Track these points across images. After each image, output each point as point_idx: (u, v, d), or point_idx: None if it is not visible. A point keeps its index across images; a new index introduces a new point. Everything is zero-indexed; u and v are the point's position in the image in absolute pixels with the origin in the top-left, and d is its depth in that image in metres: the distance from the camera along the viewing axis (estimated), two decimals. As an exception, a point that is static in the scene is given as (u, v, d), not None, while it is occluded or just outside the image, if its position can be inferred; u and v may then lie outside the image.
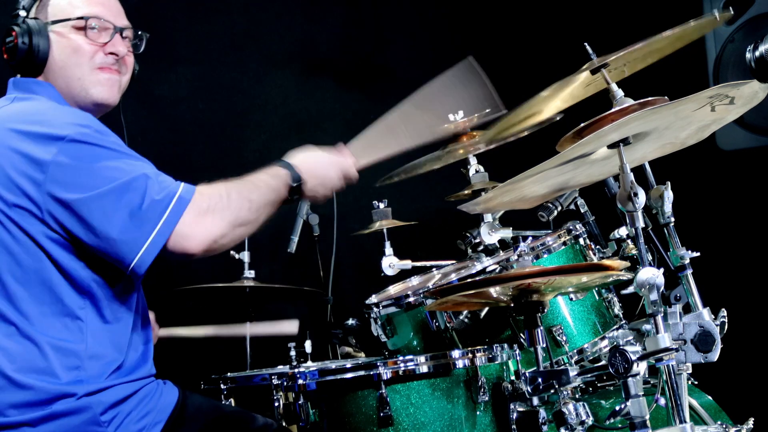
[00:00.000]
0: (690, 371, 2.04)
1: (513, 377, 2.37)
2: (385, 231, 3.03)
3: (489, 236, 2.75)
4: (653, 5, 4.06)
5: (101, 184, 1.83)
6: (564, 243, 2.65)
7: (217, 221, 1.91)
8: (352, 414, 2.24)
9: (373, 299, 2.91)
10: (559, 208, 2.73)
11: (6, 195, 1.87)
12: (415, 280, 3.04)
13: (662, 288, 1.93)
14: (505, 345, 2.40)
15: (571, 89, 2.37)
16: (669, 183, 2.15)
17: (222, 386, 2.72)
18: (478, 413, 2.27)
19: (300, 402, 2.32)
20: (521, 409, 2.25)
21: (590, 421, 2.13)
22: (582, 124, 1.99)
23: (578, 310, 2.61)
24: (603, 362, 2.52)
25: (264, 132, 4.28)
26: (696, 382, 2.63)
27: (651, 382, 2.45)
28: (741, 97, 1.93)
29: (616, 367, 1.91)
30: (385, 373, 2.22)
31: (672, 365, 1.94)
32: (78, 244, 1.88)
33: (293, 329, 3.13)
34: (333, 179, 2.17)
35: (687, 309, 2.08)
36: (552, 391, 2.12)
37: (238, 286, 3.51)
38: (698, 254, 2.13)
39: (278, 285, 3.65)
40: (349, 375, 2.27)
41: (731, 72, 3.84)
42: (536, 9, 4.60)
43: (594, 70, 2.23)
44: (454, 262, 2.97)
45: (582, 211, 2.77)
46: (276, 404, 2.43)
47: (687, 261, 2.12)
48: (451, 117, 3.00)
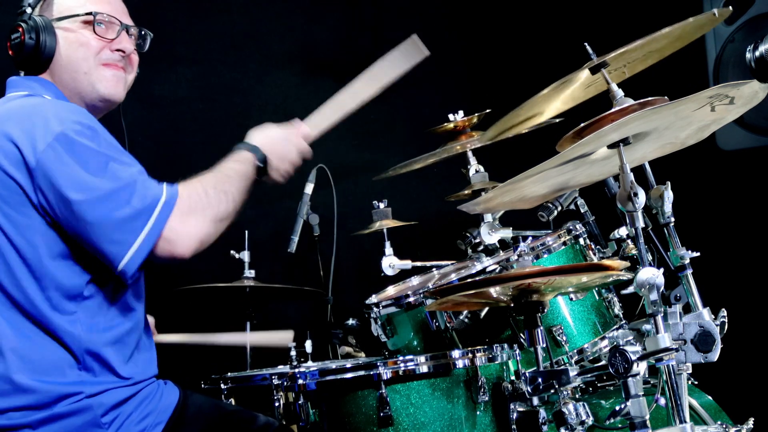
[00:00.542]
0: (690, 371, 2.03)
1: (513, 377, 2.36)
2: (385, 231, 3.03)
3: (489, 236, 2.75)
4: (653, 5, 4.06)
5: (89, 189, 1.83)
6: (564, 243, 2.65)
7: (200, 221, 1.91)
8: (352, 414, 2.24)
9: (373, 299, 2.90)
10: (559, 208, 2.73)
11: (5, 193, 1.86)
12: (415, 280, 3.04)
13: (662, 288, 1.93)
14: (505, 345, 2.40)
15: (572, 90, 2.37)
16: (669, 183, 2.15)
17: (222, 386, 2.72)
18: (478, 413, 2.27)
19: (300, 402, 2.32)
20: (521, 409, 2.25)
21: (590, 421, 2.13)
22: (582, 124, 1.98)
23: (578, 310, 2.61)
24: (603, 362, 2.52)
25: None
26: (696, 382, 2.63)
27: (651, 382, 2.45)
28: (741, 97, 1.93)
29: (616, 367, 1.91)
30: (385, 373, 2.22)
31: (672, 365, 1.94)
32: (72, 242, 1.88)
33: (288, 339, 3.14)
34: (292, 154, 2.16)
35: (687, 309, 2.07)
36: (552, 391, 2.12)
37: (238, 286, 3.51)
38: (698, 254, 2.13)
39: (278, 285, 3.65)
40: (349, 375, 2.27)
41: (731, 72, 3.84)
42: (536, 9, 4.59)
43: (594, 70, 2.22)
44: (454, 262, 2.96)
45: (582, 211, 2.77)
46: (276, 404, 2.43)
47: (687, 261, 2.12)
48: (451, 117, 3.02)
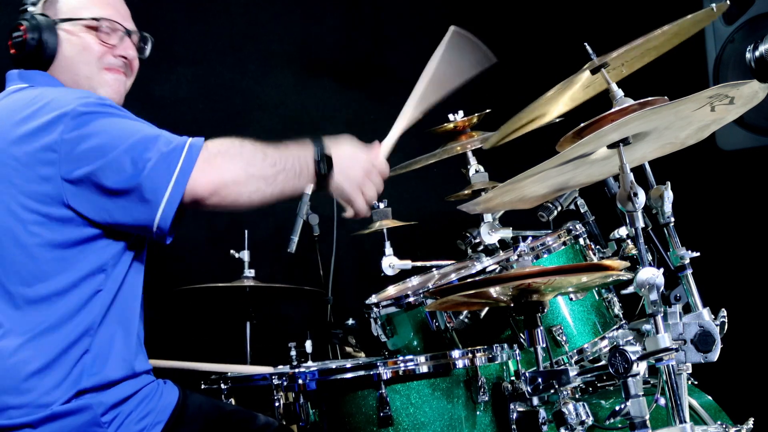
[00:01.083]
0: (690, 371, 2.04)
1: (513, 377, 2.36)
2: (385, 231, 3.03)
3: (489, 236, 2.75)
4: (652, 3, 4.06)
5: (112, 148, 1.82)
6: (564, 243, 2.65)
7: (228, 163, 1.88)
8: (352, 414, 2.24)
9: (373, 299, 2.90)
10: (559, 208, 2.73)
11: (19, 181, 1.86)
12: (415, 280, 3.04)
13: (662, 288, 1.93)
14: (505, 345, 2.40)
15: (572, 92, 2.38)
16: (669, 183, 2.15)
17: (222, 386, 2.71)
18: (478, 413, 2.27)
19: (300, 402, 2.32)
20: (521, 409, 2.25)
21: (590, 421, 2.13)
22: (582, 124, 1.99)
23: (578, 310, 2.61)
24: (603, 362, 2.52)
25: (264, 132, 4.25)
26: (696, 382, 2.63)
27: (651, 382, 2.45)
28: (741, 97, 1.93)
29: (616, 367, 1.91)
30: (385, 373, 2.22)
31: (672, 365, 1.94)
32: (98, 218, 1.86)
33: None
34: (361, 173, 2.08)
35: (687, 309, 2.08)
36: (552, 391, 2.12)
37: (238, 286, 3.52)
38: (698, 254, 2.13)
39: (278, 285, 3.65)
40: (349, 375, 2.27)
41: (731, 72, 3.84)
42: (536, 9, 4.59)
43: (594, 70, 2.23)
44: (454, 262, 2.96)
45: (582, 211, 2.77)
46: (276, 404, 2.43)
47: (687, 261, 2.12)
48: (451, 117, 3.02)
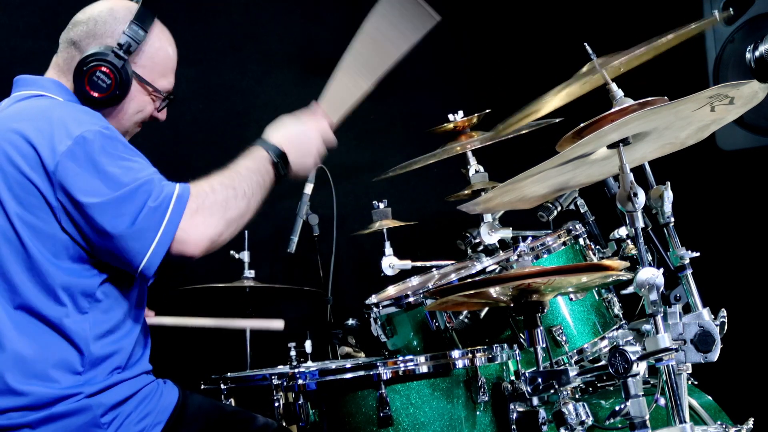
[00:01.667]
0: (690, 371, 2.04)
1: (513, 377, 2.37)
2: (385, 231, 3.03)
3: (489, 236, 2.74)
4: (653, 4, 4.06)
5: (107, 191, 1.82)
6: (564, 243, 2.65)
7: (209, 220, 1.89)
8: (352, 414, 2.24)
9: (373, 299, 2.90)
10: (559, 208, 2.73)
11: (19, 192, 1.85)
12: (415, 280, 3.04)
13: (662, 288, 1.93)
14: (505, 345, 2.40)
15: (569, 87, 2.37)
16: (669, 183, 2.15)
17: (222, 386, 2.71)
18: (478, 413, 2.27)
19: (300, 402, 2.32)
20: (521, 409, 2.25)
21: (590, 421, 2.13)
22: (582, 124, 1.99)
23: (578, 310, 2.61)
24: (603, 362, 2.52)
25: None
26: (696, 382, 2.63)
27: (651, 382, 2.45)
28: (741, 97, 1.93)
29: (616, 367, 1.91)
30: (385, 373, 2.22)
31: (672, 365, 1.94)
32: (87, 246, 1.88)
33: (280, 326, 3.16)
34: (316, 146, 2.14)
35: (687, 309, 2.07)
36: (552, 391, 2.12)
37: (238, 286, 3.51)
38: (698, 254, 2.13)
39: (278, 285, 3.66)
40: (349, 375, 2.27)
41: (731, 72, 3.83)
42: (536, 9, 4.59)
43: (594, 70, 2.23)
44: (454, 262, 2.96)
45: (582, 211, 2.77)
46: (276, 404, 2.43)
47: (687, 261, 2.12)
48: (451, 117, 3.02)
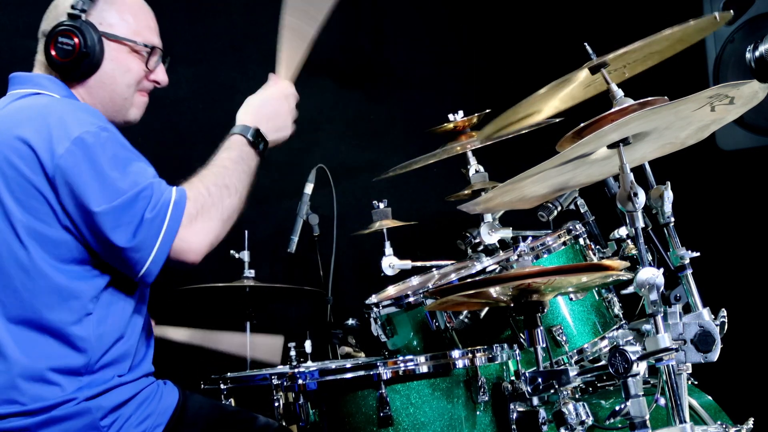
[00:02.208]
0: (690, 371, 2.04)
1: (513, 377, 2.36)
2: (385, 231, 3.02)
3: (489, 236, 2.74)
4: (653, 5, 4.06)
5: (109, 198, 1.81)
6: (564, 243, 2.65)
7: (208, 223, 1.90)
8: (352, 414, 2.24)
9: (373, 299, 2.90)
10: (559, 208, 2.73)
11: (21, 196, 1.85)
12: (415, 280, 3.04)
13: (662, 288, 1.93)
14: (505, 345, 2.39)
15: (571, 90, 2.37)
16: (669, 183, 2.15)
17: (222, 386, 2.72)
18: (478, 413, 2.27)
19: (300, 402, 2.32)
20: (521, 409, 2.25)
21: (590, 421, 2.13)
22: (582, 124, 1.99)
23: (578, 310, 2.61)
24: (603, 362, 2.52)
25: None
26: (696, 382, 2.63)
27: (651, 382, 2.45)
28: (741, 97, 1.93)
29: (616, 367, 1.91)
30: (385, 373, 2.22)
31: (672, 365, 1.94)
32: (89, 247, 1.87)
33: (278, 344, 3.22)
34: (285, 107, 2.15)
35: (687, 309, 2.08)
36: (552, 391, 2.12)
37: (238, 286, 3.51)
38: (698, 254, 2.13)
39: (278, 285, 3.65)
40: (349, 375, 2.27)
41: (731, 72, 3.83)
42: (536, 9, 4.59)
43: (593, 69, 2.23)
44: (454, 262, 2.96)
45: (582, 211, 2.77)
46: (276, 404, 2.43)
47: (687, 261, 2.12)
48: (451, 117, 3.02)
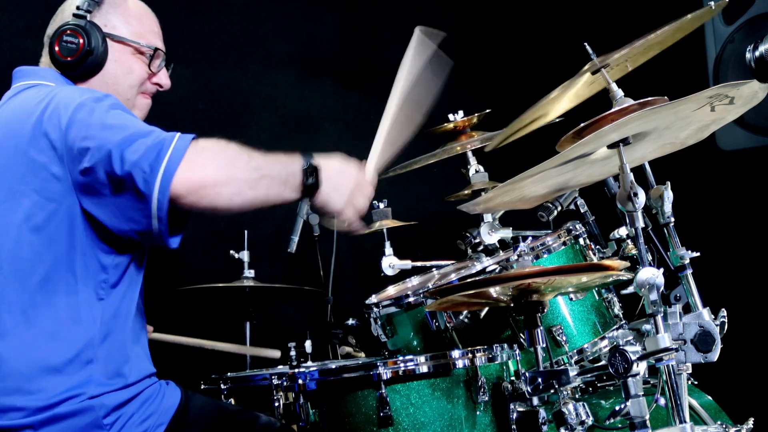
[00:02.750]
0: (690, 371, 2.04)
1: (513, 377, 2.36)
2: (385, 231, 3.03)
3: (489, 236, 2.75)
4: (653, 4, 4.06)
5: (115, 135, 1.80)
6: (564, 243, 2.65)
7: (210, 162, 1.84)
8: (352, 414, 2.24)
9: (373, 299, 2.90)
10: (559, 208, 2.73)
11: (37, 186, 1.86)
12: (415, 280, 3.04)
13: (662, 288, 1.93)
14: (505, 345, 2.40)
15: (575, 90, 2.38)
16: (669, 183, 2.15)
17: (222, 386, 2.71)
18: (478, 413, 2.27)
19: (300, 402, 2.32)
20: (521, 409, 2.25)
21: (590, 421, 2.13)
22: (582, 124, 1.99)
23: (578, 310, 2.61)
24: (603, 362, 2.52)
25: (264, 132, 4.27)
26: (696, 382, 2.63)
27: (651, 382, 2.45)
28: (741, 97, 1.93)
29: (616, 367, 1.91)
30: (385, 373, 2.22)
31: (672, 365, 1.94)
32: (98, 231, 1.87)
33: (276, 355, 3.25)
34: (349, 185, 2.04)
35: (687, 309, 2.08)
36: (552, 391, 2.12)
37: (238, 286, 3.51)
38: (698, 254, 2.13)
39: (278, 285, 3.65)
40: (349, 375, 2.27)
41: (731, 72, 3.84)
42: (536, 9, 4.59)
43: (594, 71, 2.23)
44: (454, 262, 2.96)
45: (582, 211, 2.77)
46: (276, 404, 2.42)
47: (687, 261, 2.12)
48: (451, 117, 3.02)
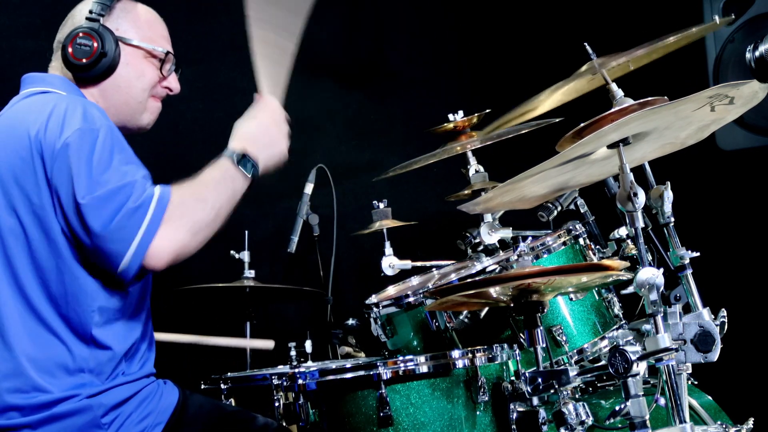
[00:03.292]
0: (690, 371, 2.04)
1: (513, 377, 2.36)
2: (385, 231, 3.02)
3: (489, 236, 2.74)
4: (653, 4, 4.06)
5: (92, 190, 1.81)
6: (564, 243, 2.65)
7: (174, 232, 1.85)
8: (352, 414, 2.24)
9: (373, 299, 2.90)
10: (559, 208, 2.73)
11: (30, 192, 1.86)
12: (415, 280, 3.04)
13: (662, 288, 1.94)
14: (505, 345, 2.39)
15: (574, 84, 2.38)
16: (669, 183, 2.15)
17: (222, 386, 2.72)
18: (478, 413, 2.27)
19: (300, 402, 2.32)
20: (521, 409, 2.25)
21: (590, 421, 2.13)
22: (582, 124, 1.99)
23: (578, 310, 2.61)
24: (603, 362, 2.52)
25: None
26: (696, 382, 2.63)
27: (651, 382, 2.45)
28: (741, 97, 1.93)
29: (616, 367, 1.91)
30: (385, 373, 2.22)
31: (672, 365, 1.94)
32: (80, 245, 1.87)
33: (270, 346, 3.28)
34: (275, 131, 2.10)
35: (687, 309, 2.08)
36: (552, 391, 2.12)
37: (238, 286, 3.51)
38: (698, 254, 2.13)
39: (278, 285, 3.65)
40: (349, 375, 2.27)
41: (731, 72, 3.83)
42: (536, 8, 4.59)
43: (594, 70, 2.23)
44: (454, 262, 2.96)
45: (582, 211, 2.77)
46: (276, 404, 2.43)
47: (687, 261, 2.12)
48: (451, 117, 3.01)
